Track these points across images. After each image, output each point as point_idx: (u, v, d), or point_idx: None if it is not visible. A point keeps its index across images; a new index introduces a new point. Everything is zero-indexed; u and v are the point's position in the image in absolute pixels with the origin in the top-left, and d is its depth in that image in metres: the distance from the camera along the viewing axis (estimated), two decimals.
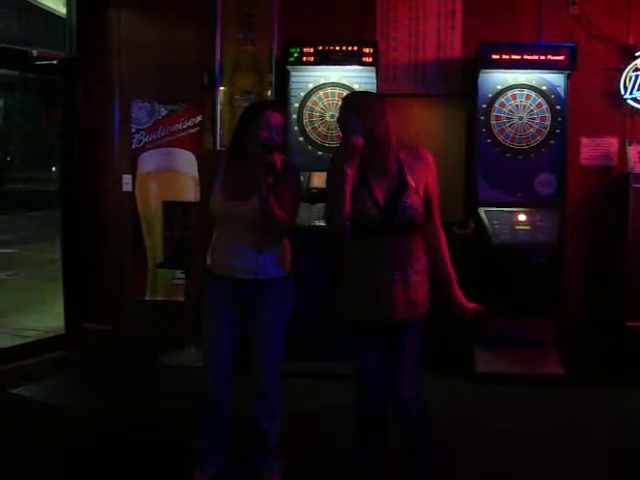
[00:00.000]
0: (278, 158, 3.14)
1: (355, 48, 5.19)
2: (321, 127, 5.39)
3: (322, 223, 5.11)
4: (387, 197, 3.00)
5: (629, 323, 5.12)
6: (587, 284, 5.45)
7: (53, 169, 19.18)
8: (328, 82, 5.38)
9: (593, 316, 5.41)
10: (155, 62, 5.65)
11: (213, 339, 3.39)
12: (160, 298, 5.64)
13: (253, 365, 3.37)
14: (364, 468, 3.24)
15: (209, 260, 3.41)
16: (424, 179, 3.05)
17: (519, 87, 5.24)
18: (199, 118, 5.60)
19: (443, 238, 3.16)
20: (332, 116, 5.35)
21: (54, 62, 5.63)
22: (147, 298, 5.66)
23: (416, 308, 3.06)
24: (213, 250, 3.38)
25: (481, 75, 5.21)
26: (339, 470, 3.45)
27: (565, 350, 5.15)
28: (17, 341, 5.71)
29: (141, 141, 5.63)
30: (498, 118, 5.24)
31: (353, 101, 3.08)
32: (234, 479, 3.48)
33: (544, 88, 5.22)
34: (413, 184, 3.01)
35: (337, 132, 5.35)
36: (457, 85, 5.53)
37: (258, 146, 3.17)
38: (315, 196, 5.23)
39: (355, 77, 5.35)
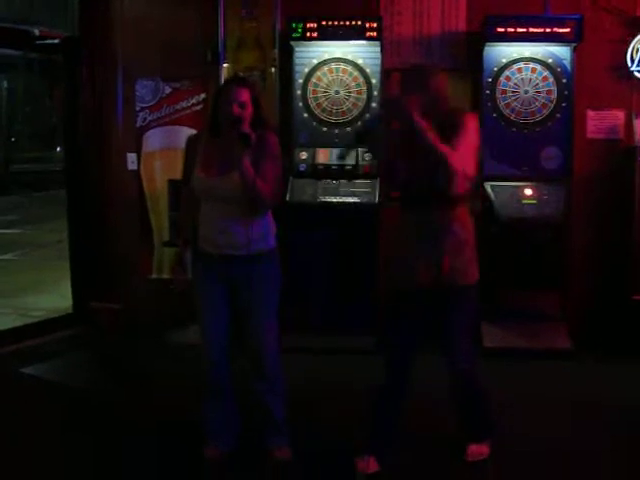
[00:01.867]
0: (247, 130, 3.18)
1: (359, 23, 5.17)
2: (325, 103, 5.36)
3: (327, 199, 5.12)
4: (430, 168, 3.09)
5: (635, 297, 5.11)
6: (593, 257, 5.43)
7: (58, 149, 19.21)
8: (332, 57, 5.36)
9: (600, 289, 5.40)
10: (158, 40, 5.61)
11: (206, 317, 3.42)
12: (167, 276, 5.64)
13: (250, 342, 3.39)
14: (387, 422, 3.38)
15: (197, 238, 3.42)
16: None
17: (524, 60, 5.21)
18: (203, 95, 5.56)
19: None
20: (336, 92, 5.33)
21: (56, 41, 5.61)
22: (154, 276, 5.67)
23: (459, 277, 3.22)
24: (199, 228, 3.39)
25: (486, 49, 5.17)
26: (345, 443, 3.49)
27: (572, 324, 5.16)
28: (25, 321, 5.74)
29: (145, 119, 5.61)
30: (503, 92, 5.21)
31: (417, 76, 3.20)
32: (244, 454, 3.51)
33: (550, 61, 5.18)
34: (456, 151, 3.08)
35: (342, 108, 5.34)
36: (462, 59, 5.48)
37: (226, 121, 3.23)
38: (320, 172, 5.22)
39: (359, 52, 5.32)
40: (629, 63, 5.27)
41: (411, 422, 3.51)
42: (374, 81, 5.32)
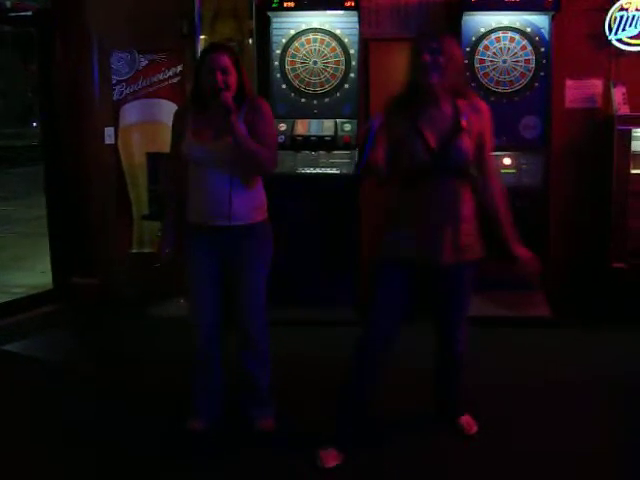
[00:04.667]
0: (227, 97, 3.15)
1: None
2: (304, 74, 5.32)
3: (306, 171, 5.11)
4: (440, 141, 3.03)
5: (614, 264, 5.15)
6: (572, 226, 5.46)
7: (34, 124, 18.99)
8: (310, 28, 5.31)
9: (579, 258, 5.44)
10: (133, 11, 5.51)
11: (197, 289, 3.41)
12: (147, 250, 5.62)
13: (237, 313, 3.40)
14: (353, 406, 3.28)
15: (186, 210, 3.40)
16: (478, 127, 3.13)
17: (503, 29, 5.19)
18: (180, 67, 5.51)
19: (498, 189, 3.20)
20: (315, 62, 5.29)
21: (29, 13, 5.51)
22: (134, 251, 5.64)
23: (463, 253, 3.15)
24: (188, 200, 3.37)
25: (464, 18, 5.15)
26: (330, 415, 3.50)
27: (552, 292, 5.20)
28: (5, 298, 5.70)
29: (122, 92, 5.54)
30: (482, 61, 5.19)
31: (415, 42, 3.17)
32: (228, 426, 3.52)
33: (528, 30, 5.17)
34: (467, 128, 3.06)
35: (320, 79, 5.31)
36: (440, 28, 5.45)
37: (211, 90, 3.20)
38: (299, 144, 5.20)
39: (337, 22, 5.28)
40: (607, 32, 5.27)
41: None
42: (352, 51, 5.28)
